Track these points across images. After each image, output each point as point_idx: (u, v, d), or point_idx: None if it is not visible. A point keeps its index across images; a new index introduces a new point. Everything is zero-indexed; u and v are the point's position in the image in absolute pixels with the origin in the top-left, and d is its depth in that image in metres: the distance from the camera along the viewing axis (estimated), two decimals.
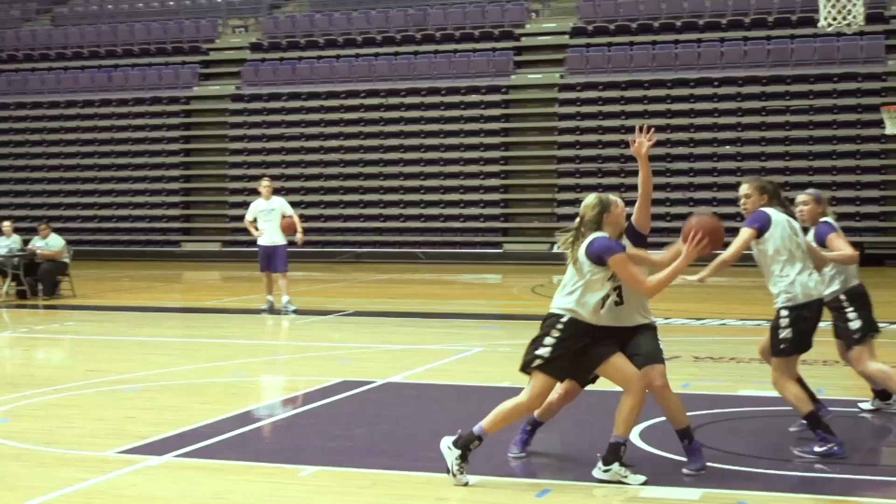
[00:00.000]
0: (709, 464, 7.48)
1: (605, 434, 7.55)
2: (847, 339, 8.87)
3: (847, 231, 31.09)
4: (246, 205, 19.57)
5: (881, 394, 9.30)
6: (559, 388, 7.84)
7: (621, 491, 7.10)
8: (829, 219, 8.93)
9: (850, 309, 8.88)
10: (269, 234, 18.04)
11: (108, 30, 37.64)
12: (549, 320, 7.51)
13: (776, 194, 8.26)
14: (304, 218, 20.53)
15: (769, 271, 8.09)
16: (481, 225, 31.52)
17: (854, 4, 7.24)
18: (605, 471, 7.26)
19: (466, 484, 7.23)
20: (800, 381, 8.47)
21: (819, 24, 6.79)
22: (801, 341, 8.02)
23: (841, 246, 8.70)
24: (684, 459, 7.52)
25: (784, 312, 7.98)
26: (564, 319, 7.40)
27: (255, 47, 35.88)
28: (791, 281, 7.99)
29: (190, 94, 35.37)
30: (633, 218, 7.90)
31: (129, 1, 39.40)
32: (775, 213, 8.11)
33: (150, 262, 31.94)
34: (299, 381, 11.62)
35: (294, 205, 19.26)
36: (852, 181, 28.74)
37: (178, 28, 37.03)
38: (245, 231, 19.19)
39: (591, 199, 7.68)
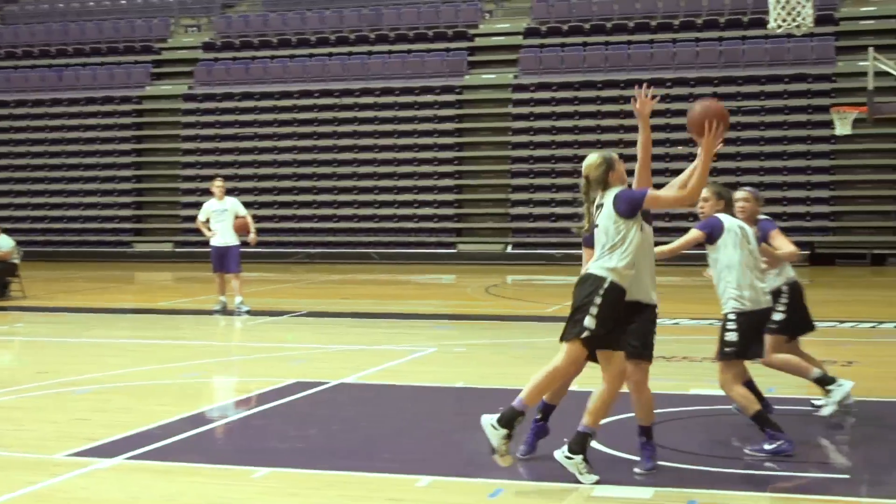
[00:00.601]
0: (661, 463, 7.52)
1: (560, 434, 7.56)
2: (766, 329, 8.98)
3: (797, 231, 31.50)
4: (198, 205, 19.46)
5: (820, 381, 9.39)
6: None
7: (574, 490, 7.12)
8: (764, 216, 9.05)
9: (784, 301, 9.05)
10: (222, 235, 17.95)
11: (59, 28, 37.32)
12: (590, 283, 7.30)
13: (732, 202, 8.40)
14: (257, 218, 20.44)
15: (720, 277, 8.18)
16: (435, 225, 31.53)
17: (803, 6, 7.31)
18: (569, 458, 7.23)
19: (512, 462, 7.27)
20: (749, 383, 8.57)
21: (769, 26, 6.86)
22: (747, 347, 8.11)
23: (784, 243, 8.83)
24: (637, 459, 7.55)
25: (732, 317, 8.07)
26: (606, 284, 7.24)
27: (207, 47, 35.70)
28: (740, 288, 8.07)
29: (142, 93, 35.14)
30: (633, 184, 7.72)
31: (81, 0, 39.08)
32: (728, 220, 8.22)
33: (102, 262, 31.69)
34: (252, 383, 11.57)
35: (247, 205, 19.17)
36: (803, 181, 29.00)
37: (129, 27, 36.78)
38: (197, 231, 19.08)
39: (594, 158, 7.53)
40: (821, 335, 14.69)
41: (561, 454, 7.29)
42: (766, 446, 7.87)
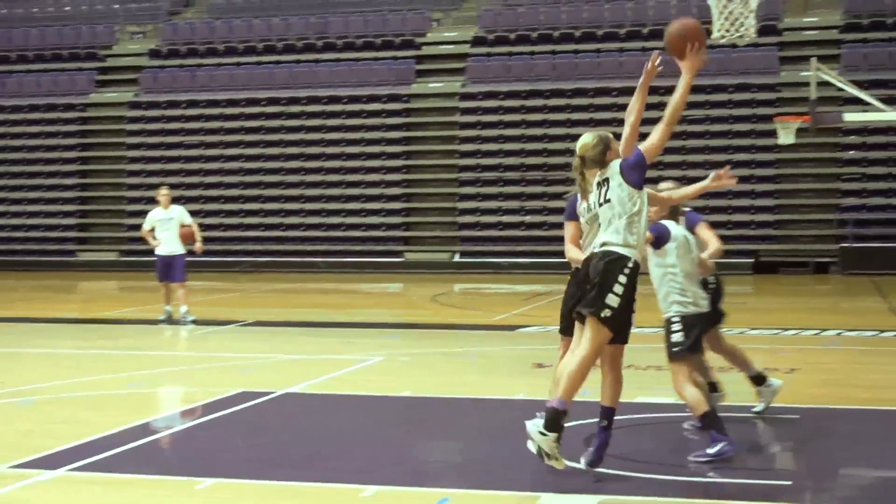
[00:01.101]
0: (606, 470, 7.55)
1: (508, 442, 7.57)
2: None
3: (742, 239, 31.78)
4: (144, 214, 19.31)
5: (755, 379, 9.52)
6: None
7: (524, 498, 7.12)
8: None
9: (711, 292, 9.22)
10: (168, 244, 17.83)
11: (2, 34, 36.93)
12: (614, 262, 7.25)
13: (676, 209, 8.50)
14: (203, 227, 20.31)
15: (662, 282, 8.27)
16: (382, 234, 31.52)
17: (746, 17, 7.40)
18: (544, 434, 7.21)
19: (564, 465, 7.27)
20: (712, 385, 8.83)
21: (713, 37, 6.93)
22: (694, 344, 8.23)
23: (710, 236, 9.00)
24: (582, 466, 7.56)
25: (676, 319, 8.18)
26: (631, 264, 7.26)
27: (153, 54, 35.49)
28: (684, 293, 8.19)
29: (86, 100, 34.86)
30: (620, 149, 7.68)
31: (25, 5, 38.69)
32: (675, 228, 8.32)
33: (46, 271, 31.37)
34: (198, 392, 11.50)
35: (193, 213, 19.07)
36: (747, 190, 29.26)
37: (74, 34, 36.48)
38: (143, 240, 18.93)
39: (589, 138, 7.60)
40: (765, 342, 14.84)
41: (533, 427, 7.27)
42: (709, 450, 7.93)
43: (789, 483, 7.71)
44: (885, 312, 19.04)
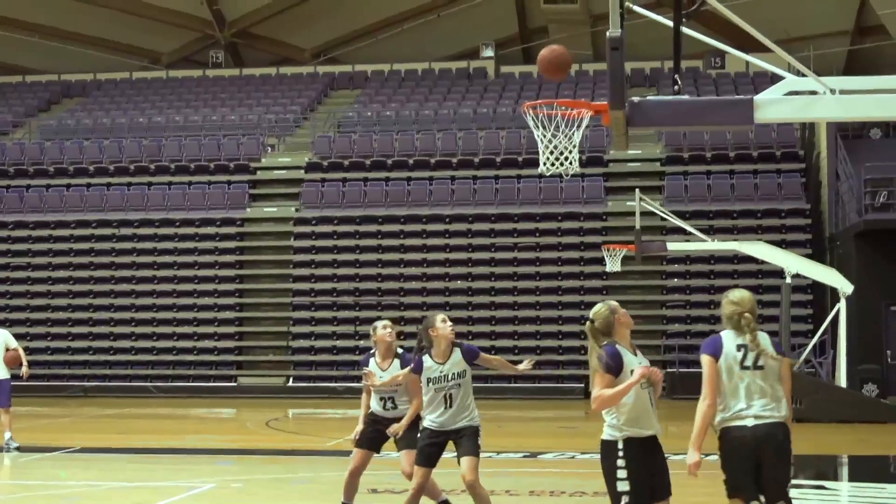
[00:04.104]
0: None
1: None
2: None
3: (573, 364, 32.15)
4: None
5: None
6: None
7: None
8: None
9: None
10: None
11: None
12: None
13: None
14: (28, 350, 19.86)
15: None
16: (215, 358, 31.17)
17: (570, 151, 7.80)
18: None
19: None
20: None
21: (539, 169, 7.34)
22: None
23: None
24: None
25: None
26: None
27: None
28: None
29: None
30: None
31: None
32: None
33: None
34: None
35: (19, 337, 18.64)
36: (577, 316, 29.85)
37: None
38: None
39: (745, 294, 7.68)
40: (596, 466, 15.10)
41: None
42: None
43: None
44: (709, 436, 19.58)
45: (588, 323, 7.68)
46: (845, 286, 22.49)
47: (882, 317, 26.78)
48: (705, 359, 7.65)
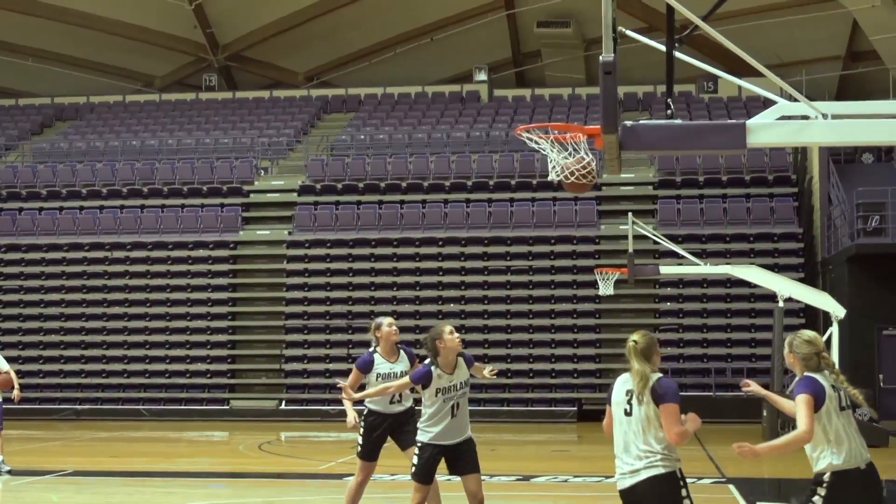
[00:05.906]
0: None
1: None
2: None
3: (565, 388, 32.14)
4: None
5: None
6: None
7: None
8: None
9: None
10: None
11: None
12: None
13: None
14: (21, 373, 19.83)
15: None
16: (207, 381, 31.13)
17: (591, 163, 7.95)
18: None
19: None
20: None
21: (549, 178, 7.43)
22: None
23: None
24: None
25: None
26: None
27: None
28: None
29: None
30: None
31: None
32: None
33: None
34: None
35: (11, 360, 18.61)
36: (570, 339, 29.92)
37: None
38: None
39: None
40: (589, 489, 15.12)
41: None
42: None
43: None
44: (703, 459, 19.58)
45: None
46: (838, 310, 22.49)
47: (874, 341, 26.85)
48: (806, 398, 6.99)
